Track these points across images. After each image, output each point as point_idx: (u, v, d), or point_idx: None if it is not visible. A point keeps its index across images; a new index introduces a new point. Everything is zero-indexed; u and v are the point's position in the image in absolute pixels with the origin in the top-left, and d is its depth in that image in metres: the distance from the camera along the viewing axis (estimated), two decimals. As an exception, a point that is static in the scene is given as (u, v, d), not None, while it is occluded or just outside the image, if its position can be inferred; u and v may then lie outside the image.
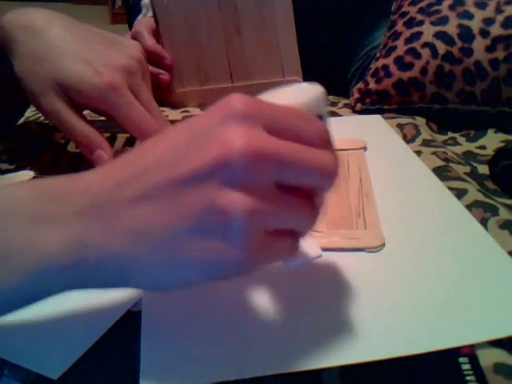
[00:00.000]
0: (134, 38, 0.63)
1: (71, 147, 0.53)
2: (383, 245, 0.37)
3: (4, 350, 0.29)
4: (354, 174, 0.47)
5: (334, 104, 0.67)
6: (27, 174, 0.47)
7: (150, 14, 0.82)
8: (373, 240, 0.37)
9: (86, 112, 0.44)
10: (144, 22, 0.68)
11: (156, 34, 0.65)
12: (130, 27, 1.09)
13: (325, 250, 0.37)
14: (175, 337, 0.30)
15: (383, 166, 0.49)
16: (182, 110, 0.64)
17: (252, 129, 0.23)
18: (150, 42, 0.63)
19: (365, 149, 0.52)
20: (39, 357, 0.28)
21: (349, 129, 0.57)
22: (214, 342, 0.30)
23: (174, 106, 0.66)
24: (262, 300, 0.33)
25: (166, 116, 0.61)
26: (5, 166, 0.49)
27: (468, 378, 0.27)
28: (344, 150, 0.51)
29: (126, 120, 0.43)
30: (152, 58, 0.63)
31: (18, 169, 0.48)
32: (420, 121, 0.59)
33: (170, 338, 0.30)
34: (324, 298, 0.33)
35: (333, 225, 0.40)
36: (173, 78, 0.65)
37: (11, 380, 0.27)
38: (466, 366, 0.28)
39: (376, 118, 0.61)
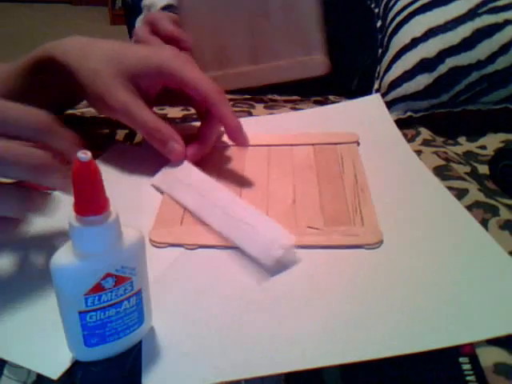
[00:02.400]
0: (151, 22, 0.62)
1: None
2: (381, 241, 0.37)
3: (4, 350, 0.29)
4: (348, 169, 0.47)
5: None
6: None
7: None
8: (371, 237, 0.38)
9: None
10: (158, 12, 0.68)
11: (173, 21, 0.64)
12: (129, 28, 1.08)
13: (323, 247, 0.37)
14: (176, 336, 0.30)
15: (378, 160, 0.48)
16: (182, 108, 0.64)
17: None
18: (169, 25, 0.62)
19: (357, 143, 0.51)
20: (39, 357, 0.28)
21: (343, 118, 0.57)
22: (215, 342, 0.30)
23: None
24: (262, 299, 0.33)
25: (165, 114, 0.61)
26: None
27: (468, 378, 0.27)
28: (336, 143, 0.51)
29: (194, 83, 0.43)
30: (171, 41, 0.59)
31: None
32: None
33: (171, 337, 0.30)
34: (323, 297, 0.33)
35: (330, 221, 0.40)
36: None
37: (11, 380, 0.27)
38: (467, 366, 0.28)
39: (373, 100, 0.59)
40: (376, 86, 0.68)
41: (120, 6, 3.39)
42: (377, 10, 0.75)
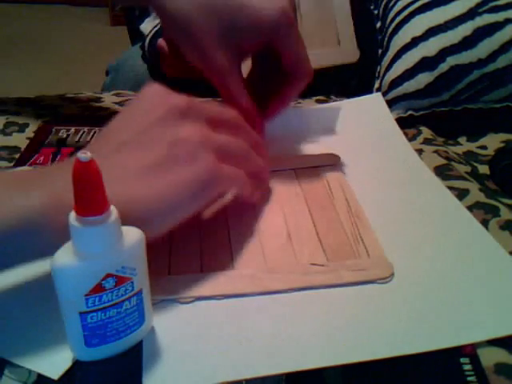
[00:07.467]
0: None
1: (70, 141, 0.53)
2: (392, 274, 0.34)
3: (4, 349, 0.29)
4: (337, 194, 0.43)
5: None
6: (25, 170, 0.47)
7: None
8: (382, 271, 0.35)
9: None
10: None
11: None
12: (130, 29, 1.08)
13: (332, 286, 0.34)
14: (177, 336, 0.30)
15: (378, 159, 0.48)
16: None
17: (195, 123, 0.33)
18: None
19: (340, 164, 0.47)
20: (39, 357, 0.28)
21: (344, 117, 0.56)
22: (215, 342, 0.30)
23: None
24: (262, 299, 0.33)
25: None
26: (4, 164, 0.48)
27: (469, 378, 0.27)
28: (319, 166, 0.46)
29: (296, 56, 0.41)
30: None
31: (16, 166, 0.48)
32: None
33: (172, 337, 0.30)
34: (323, 297, 0.33)
35: (333, 255, 0.36)
36: None
37: (12, 380, 0.27)
38: (468, 367, 0.28)
39: (374, 99, 0.58)
40: (377, 85, 0.68)
41: (120, 7, 3.39)
42: (376, 12, 0.75)
